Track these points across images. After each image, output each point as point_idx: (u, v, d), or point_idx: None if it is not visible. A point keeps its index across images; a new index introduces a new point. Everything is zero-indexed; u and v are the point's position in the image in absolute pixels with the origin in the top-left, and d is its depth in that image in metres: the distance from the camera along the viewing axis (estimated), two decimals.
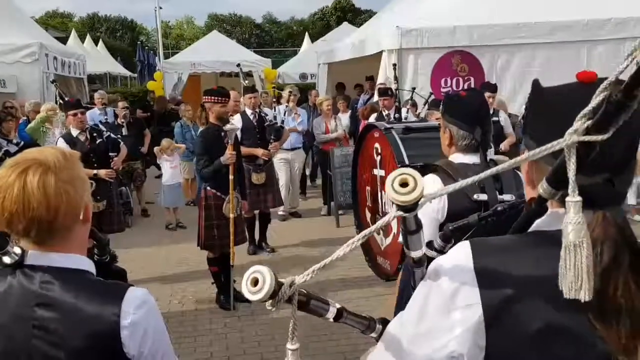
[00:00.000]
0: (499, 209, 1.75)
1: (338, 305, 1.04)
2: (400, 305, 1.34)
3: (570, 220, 0.85)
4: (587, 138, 0.81)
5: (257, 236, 6.77)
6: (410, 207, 0.85)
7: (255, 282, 0.88)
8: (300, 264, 6.11)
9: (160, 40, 21.36)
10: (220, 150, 4.86)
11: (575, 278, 0.84)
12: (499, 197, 2.31)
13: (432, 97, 7.34)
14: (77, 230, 1.33)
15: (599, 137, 0.80)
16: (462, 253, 0.99)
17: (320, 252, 6.58)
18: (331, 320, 1.05)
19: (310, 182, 10.23)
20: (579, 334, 0.91)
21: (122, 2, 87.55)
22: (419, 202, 0.85)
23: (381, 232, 3.45)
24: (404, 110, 6.92)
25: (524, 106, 1.12)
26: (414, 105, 7.42)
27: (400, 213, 0.87)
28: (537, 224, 1.02)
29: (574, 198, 0.84)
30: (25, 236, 1.27)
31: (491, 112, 6.99)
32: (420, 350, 0.99)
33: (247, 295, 0.88)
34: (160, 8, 22.07)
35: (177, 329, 4.76)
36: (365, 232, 0.92)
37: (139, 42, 27.58)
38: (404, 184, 0.83)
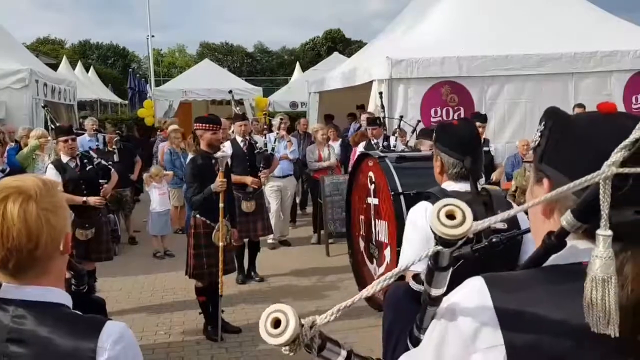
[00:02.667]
0: (494, 240, 1.71)
1: (348, 348, 0.98)
2: (389, 349, 1.27)
3: (599, 254, 0.81)
4: (627, 170, 0.79)
5: (246, 265, 6.68)
6: (453, 243, 0.79)
7: (275, 322, 0.80)
8: (290, 294, 6.03)
9: (151, 67, 21.52)
10: (211, 178, 4.81)
11: (604, 313, 0.80)
12: (492, 225, 2.30)
13: (420, 124, 7.40)
14: (56, 261, 1.27)
15: (637, 170, 0.78)
16: (477, 289, 0.93)
17: (311, 281, 6.51)
18: None
19: (300, 210, 10.18)
20: None
21: (114, 29, 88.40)
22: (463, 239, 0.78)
23: (375, 261, 3.42)
24: (392, 139, 6.95)
25: (537, 133, 1.08)
26: (403, 134, 7.45)
27: (440, 248, 0.81)
28: (554, 258, 0.97)
29: (605, 232, 0.81)
30: (2, 268, 1.22)
31: (482, 142, 7.07)
32: None
33: (267, 339, 0.79)
34: (153, 36, 22.34)
35: None
36: (397, 269, 0.86)
37: (130, 70, 27.68)
38: (450, 216, 0.77)
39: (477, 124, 7.04)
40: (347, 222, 4.07)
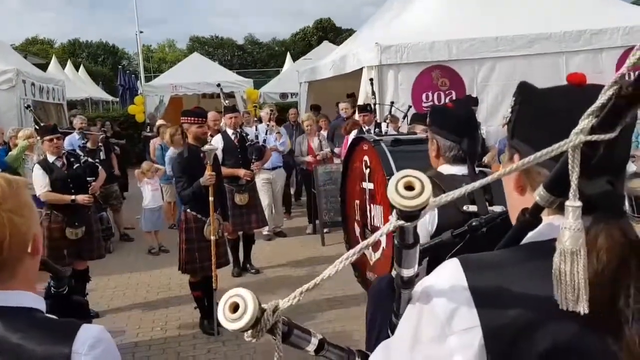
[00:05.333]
0: (473, 224, 1.66)
1: (320, 336, 0.93)
2: (371, 340, 1.23)
3: (568, 225, 0.78)
4: (594, 137, 0.74)
5: (241, 258, 6.64)
6: (414, 215, 0.75)
7: (234, 307, 0.76)
8: (287, 285, 6.00)
9: (141, 63, 21.36)
10: (200, 172, 4.76)
11: (572, 289, 0.77)
12: (489, 208, 2.26)
13: (412, 110, 7.34)
14: (25, 263, 1.21)
15: (607, 136, 0.74)
16: (451, 271, 0.90)
17: (307, 271, 6.48)
18: (312, 353, 0.93)
19: (295, 201, 10.15)
20: (589, 351, 0.84)
21: (103, 27, 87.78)
22: (423, 210, 0.74)
23: (370, 247, 3.37)
24: (383, 125, 6.89)
25: (509, 109, 1.05)
26: (394, 120, 7.39)
27: (401, 222, 0.76)
28: (530, 236, 0.94)
29: (574, 203, 0.78)
30: None
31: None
32: None
33: (225, 324, 0.75)
34: (141, 32, 22.15)
35: (160, 356, 4.63)
36: (356, 248, 0.81)
37: (120, 67, 27.52)
38: (409, 187, 0.73)
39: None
40: (342, 208, 4.04)
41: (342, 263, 0.80)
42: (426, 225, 2.20)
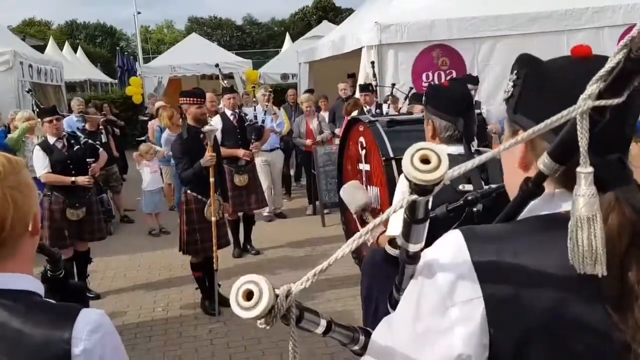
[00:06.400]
0: (469, 197, 1.65)
1: (328, 317, 0.92)
2: (369, 315, 1.22)
3: (581, 192, 0.78)
4: (602, 102, 0.73)
5: (242, 239, 6.66)
6: (428, 189, 0.74)
7: (248, 294, 0.74)
8: (288, 265, 6.03)
9: (139, 45, 21.16)
10: (200, 153, 4.75)
11: (590, 252, 0.77)
12: (485, 187, 2.25)
13: (413, 91, 7.30)
14: (25, 243, 1.19)
15: (615, 101, 0.73)
16: (454, 243, 0.89)
17: (307, 252, 6.51)
18: (320, 334, 0.92)
19: (295, 182, 10.14)
20: (592, 324, 0.83)
21: (101, 8, 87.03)
22: (438, 185, 0.73)
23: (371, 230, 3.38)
24: (384, 106, 6.87)
25: (509, 83, 1.03)
26: (395, 100, 7.36)
27: (415, 197, 0.75)
28: (531, 209, 0.93)
29: (585, 169, 0.77)
30: None
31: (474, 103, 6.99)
32: (421, 357, 0.88)
33: (239, 312, 0.73)
34: (139, 13, 21.90)
35: (162, 336, 4.66)
36: (369, 226, 0.80)
37: (118, 48, 27.32)
38: (425, 161, 0.71)
39: (469, 86, 7.02)
40: (339, 190, 4.04)
41: (355, 242, 0.79)
42: None
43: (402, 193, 2.24)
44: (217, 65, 7.51)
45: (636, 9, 8.57)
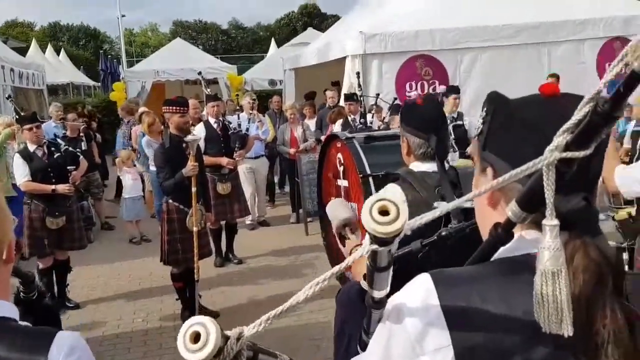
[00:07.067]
0: (443, 233, 1.66)
1: (286, 358, 0.90)
2: (340, 352, 1.22)
3: (547, 245, 0.77)
4: (569, 154, 0.73)
5: (224, 247, 6.63)
6: (389, 241, 0.74)
7: (195, 337, 0.73)
8: (269, 275, 6.01)
9: (123, 48, 21.06)
10: (182, 162, 4.72)
11: (556, 310, 0.76)
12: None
13: (396, 101, 7.35)
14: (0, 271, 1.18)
15: (582, 153, 0.73)
16: (423, 288, 0.88)
17: (290, 260, 6.49)
18: None
19: (279, 190, 10.12)
20: None
21: (84, 10, 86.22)
22: (398, 236, 0.73)
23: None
24: (369, 116, 6.90)
25: (479, 120, 1.04)
26: (379, 110, 7.40)
27: (375, 247, 0.75)
28: (502, 251, 0.93)
29: (551, 221, 0.77)
30: None
31: (455, 115, 7.05)
32: None
33: (185, 355, 0.72)
34: (123, 16, 21.84)
35: (141, 347, 4.61)
36: (327, 274, 0.79)
37: (101, 51, 27.09)
38: (384, 212, 0.71)
39: (453, 96, 7.10)
40: (319, 204, 4.03)
41: (312, 289, 0.79)
42: None
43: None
44: (199, 73, 7.48)
45: (616, 22, 8.74)
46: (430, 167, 2.30)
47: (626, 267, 3.21)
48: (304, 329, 4.69)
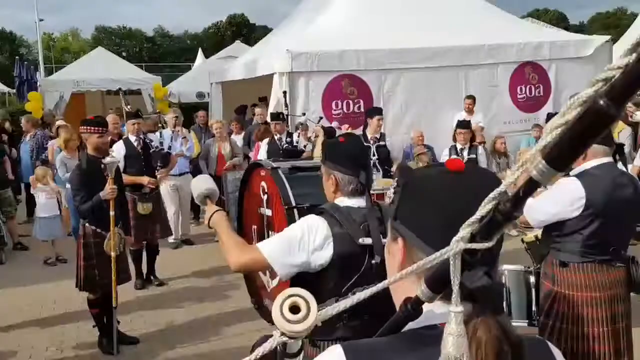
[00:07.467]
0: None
1: None
2: None
3: (451, 331, 0.81)
4: (473, 246, 0.78)
5: (145, 269, 6.44)
6: (300, 336, 0.76)
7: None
8: (192, 297, 5.91)
9: (41, 55, 20.15)
10: (100, 184, 4.57)
11: None
12: (383, 240, 2.34)
13: (322, 120, 7.46)
14: None
15: (485, 245, 0.78)
16: (335, 358, 0.91)
17: (213, 282, 6.41)
18: None
19: None
20: None
21: (1, 12, 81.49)
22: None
23: (267, 273, 3.38)
24: (295, 135, 6.96)
25: (392, 189, 1.09)
26: (305, 129, 7.48)
27: (285, 339, 0.77)
28: (412, 324, 0.96)
29: (456, 308, 0.81)
30: None
31: (378, 136, 7.24)
32: None
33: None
34: (42, 20, 20.86)
35: None
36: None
37: (17, 57, 25.70)
38: (294, 308, 0.74)
39: (376, 117, 7.28)
40: (239, 233, 3.98)
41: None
42: (322, 260, 2.24)
43: (293, 235, 2.28)
44: (119, 89, 7.28)
45: (528, 47, 9.31)
46: (356, 202, 2.35)
47: (533, 291, 3.42)
48: (228, 354, 4.64)
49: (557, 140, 0.67)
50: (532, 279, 3.46)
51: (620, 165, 3.31)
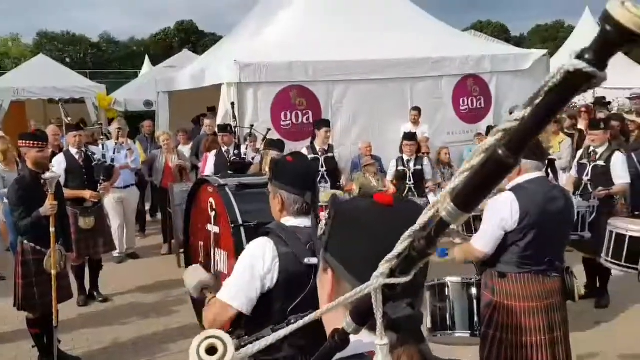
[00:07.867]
0: (292, 321, 1.74)
1: None
2: None
3: None
4: (392, 281, 0.82)
5: (88, 285, 6.27)
6: None
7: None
8: (136, 313, 5.78)
9: None
10: (39, 200, 4.43)
11: None
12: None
13: (271, 132, 7.47)
14: None
15: (403, 279, 0.82)
16: None
17: (160, 297, 6.29)
18: None
19: (151, 217, 9.77)
20: None
21: None
22: None
23: (214, 291, 3.37)
24: (243, 147, 6.93)
25: (324, 219, 1.11)
26: (254, 140, 7.46)
27: None
28: (338, 354, 0.99)
29: (381, 341, 0.84)
30: None
31: (326, 147, 7.31)
32: None
33: None
34: None
35: None
36: None
37: None
38: (211, 350, 0.75)
39: (324, 129, 7.35)
40: (185, 248, 3.95)
41: None
42: (266, 280, 2.24)
43: (244, 267, 2.27)
44: (59, 100, 7.07)
45: (470, 60, 9.61)
46: (302, 222, 2.36)
47: (475, 302, 3.52)
48: None
49: (463, 184, 0.72)
50: (474, 290, 3.57)
51: (551, 178, 3.47)
